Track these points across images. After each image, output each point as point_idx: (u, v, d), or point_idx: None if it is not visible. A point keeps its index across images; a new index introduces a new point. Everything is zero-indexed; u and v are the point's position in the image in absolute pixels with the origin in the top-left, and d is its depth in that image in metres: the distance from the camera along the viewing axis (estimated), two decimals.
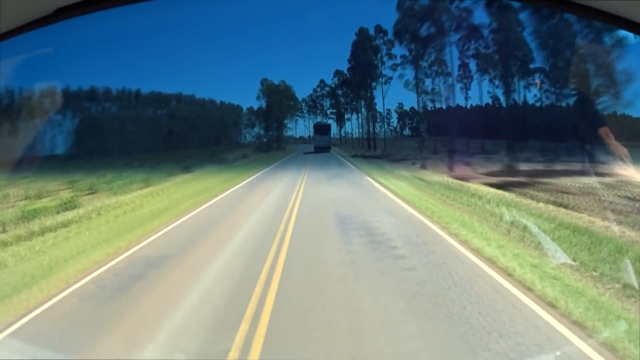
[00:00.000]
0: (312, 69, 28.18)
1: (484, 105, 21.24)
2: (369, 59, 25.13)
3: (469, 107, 22.02)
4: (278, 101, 26.54)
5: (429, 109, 23.67)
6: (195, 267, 6.45)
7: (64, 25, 1.61)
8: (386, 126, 26.68)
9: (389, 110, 26.74)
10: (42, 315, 5.03)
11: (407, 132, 26.31)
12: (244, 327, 4.31)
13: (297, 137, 28.26)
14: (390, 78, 25.08)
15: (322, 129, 24.97)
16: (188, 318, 4.67)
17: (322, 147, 23.43)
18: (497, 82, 20.80)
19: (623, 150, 4.45)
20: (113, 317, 4.83)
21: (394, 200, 11.49)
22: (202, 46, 22.83)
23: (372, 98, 26.33)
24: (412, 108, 26.51)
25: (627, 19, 1.53)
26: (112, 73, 18.65)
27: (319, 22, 22.75)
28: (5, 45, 1.53)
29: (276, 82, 26.42)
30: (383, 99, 25.86)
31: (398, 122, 26.65)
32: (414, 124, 26.07)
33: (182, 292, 5.43)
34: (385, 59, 24.98)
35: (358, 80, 26.08)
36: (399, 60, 23.91)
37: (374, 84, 25.62)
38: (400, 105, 26.49)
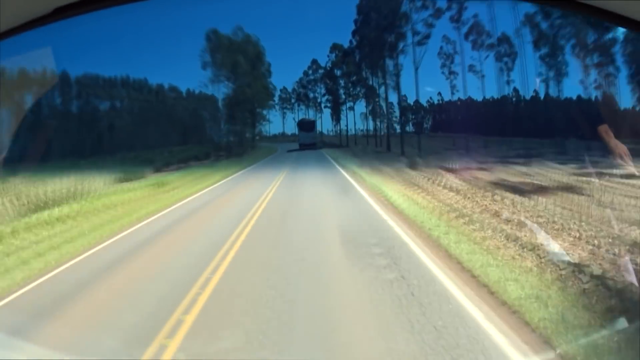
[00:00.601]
0: (301, 47, 23.88)
1: (537, 93, 16.95)
2: (390, 6, 16.45)
3: (513, 95, 17.40)
4: (232, 63, 16.81)
5: (461, 96, 18.94)
6: None
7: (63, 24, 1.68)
8: (386, 119, 21.25)
9: (391, 103, 21.01)
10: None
11: (409, 128, 22.98)
12: None
13: (289, 134, 25.22)
14: (428, 36, 16.35)
15: (306, 126, 24.67)
16: None
17: (307, 144, 23.31)
18: (549, 61, 15.84)
19: None
20: None
21: None
22: (160, 22, 18.92)
23: (398, 70, 17.59)
24: (416, 101, 22.20)
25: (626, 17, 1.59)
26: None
27: None
28: (4, 44, 1.56)
29: (229, 32, 17.15)
30: (415, 70, 17.80)
31: (401, 117, 22.03)
32: (417, 120, 22.55)
33: None
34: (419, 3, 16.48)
35: (374, 39, 16.97)
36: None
37: (401, 45, 16.68)
38: (404, 97, 22.06)
